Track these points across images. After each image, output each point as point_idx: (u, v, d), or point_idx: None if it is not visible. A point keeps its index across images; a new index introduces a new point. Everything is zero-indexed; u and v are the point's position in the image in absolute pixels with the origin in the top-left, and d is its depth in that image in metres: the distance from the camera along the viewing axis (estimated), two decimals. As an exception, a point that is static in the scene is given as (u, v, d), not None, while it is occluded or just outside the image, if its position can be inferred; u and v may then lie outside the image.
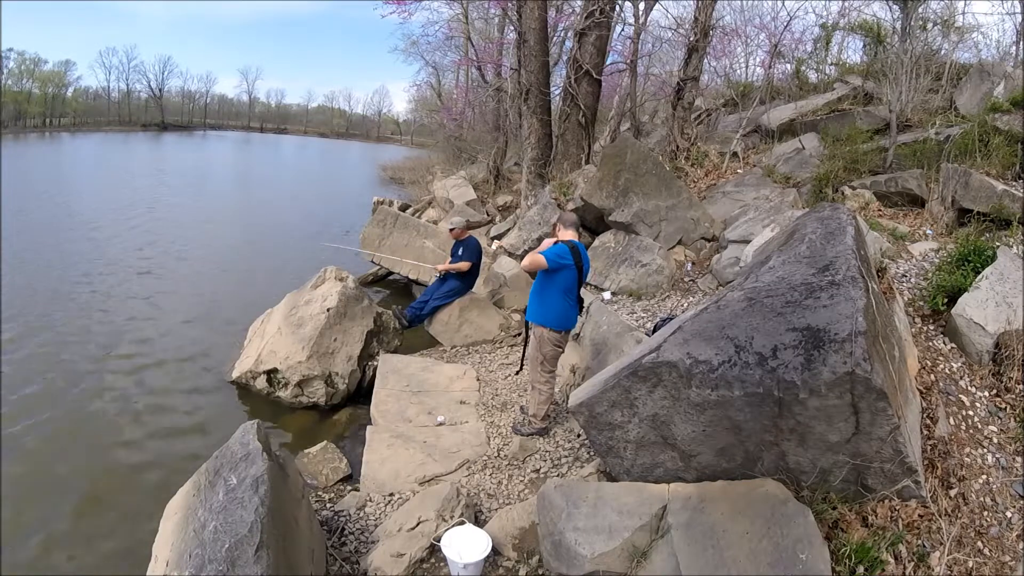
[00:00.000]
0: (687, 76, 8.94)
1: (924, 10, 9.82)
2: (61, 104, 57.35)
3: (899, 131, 7.38)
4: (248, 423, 2.96)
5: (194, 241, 11.41)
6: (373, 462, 4.01)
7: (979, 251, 4.11)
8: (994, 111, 6.57)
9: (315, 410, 5.19)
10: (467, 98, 20.08)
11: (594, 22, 9.23)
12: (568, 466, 3.92)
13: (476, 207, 12.66)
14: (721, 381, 2.63)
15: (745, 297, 2.83)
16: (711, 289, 5.70)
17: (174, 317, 7.28)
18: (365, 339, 5.67)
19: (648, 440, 2.91)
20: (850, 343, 2.44)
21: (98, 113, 61.85)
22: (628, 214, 6.74)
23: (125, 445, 4.57)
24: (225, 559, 2.29)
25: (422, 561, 3.07)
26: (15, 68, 52.80)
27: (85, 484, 4.06)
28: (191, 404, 5.24)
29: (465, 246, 6.65)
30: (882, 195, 6.49)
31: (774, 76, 11.58)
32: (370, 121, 79.57)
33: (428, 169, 22.10)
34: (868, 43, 11.28)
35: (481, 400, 4.96)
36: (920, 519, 2.61)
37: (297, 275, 8.02)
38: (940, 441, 3.00)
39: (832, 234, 3.11)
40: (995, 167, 5.56)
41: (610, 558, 2.60)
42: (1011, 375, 3.38)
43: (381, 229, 8.48)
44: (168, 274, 9.06)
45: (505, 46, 15.96)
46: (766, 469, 2.72)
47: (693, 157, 9.03)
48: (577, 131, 9.75)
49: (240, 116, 78.57)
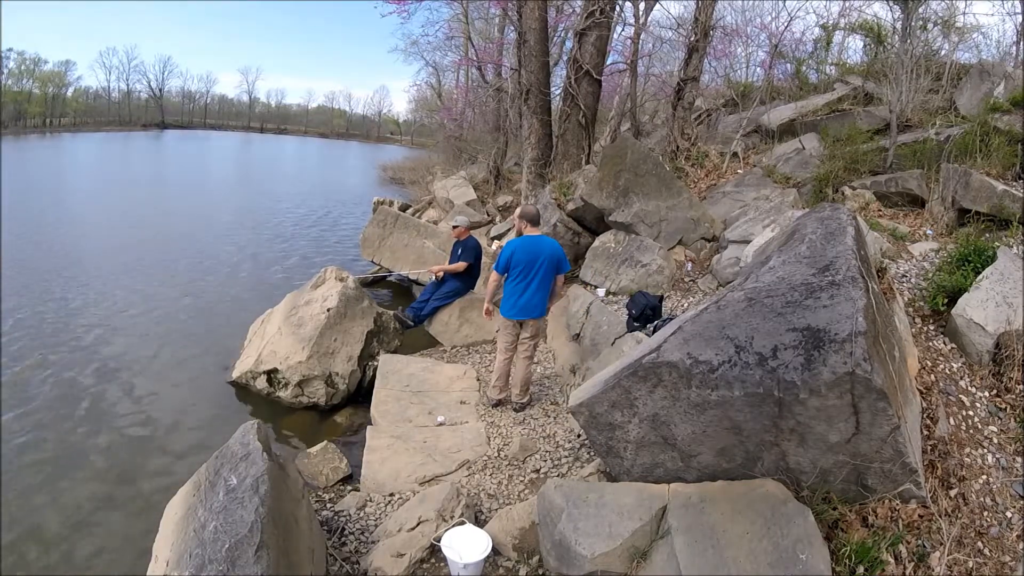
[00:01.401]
0: (687, 76, 8.94)
1: (924, 10, 9.81)
2: (61, 104, 57.31)
3: (899, 131, 7.37)
4: (248, 423, 2.96)
5: (195, 241, 11.42)
6: (373, 462, 4.01)
7: (979, 251, 4.11)
8: (994, 111, 6.57)
9: (315, 410, 5.19)
10: (467, 98, 20.08)
11: (594, 22, 9.22)
12: (568, 466, 3.92)
13: (476, 207, 12.66)
14: (721, 381, 2.63)
15: (745, 297, 2.83)
16: (711, 289, 5.70)
17: (174, 317, 7.28)
18: (365, 339, 5.67)
19: (648, 440, 2.91)
20: (850, 343, 2.44)
21: (98, 113, 61.82)
22: (628, 214, 6.74)
23: (125, 445, 4.57)
24: (225, 559, 2.29)
25: (422, 561, 3.07)
26: (15, 68, 52.88)
27: (85, 484, 4.06)
28: (191, 404, 5.24)
29: (464, 246, 6.66)
30: (882, 195, 6.49)
31: (774, 76, 11.58)
32: (370, 121, 79.54)
33: (428, 169, 22.10)
34: (868, 43, 11.28)
35: (481, 400, 4.96)
36: (920, 519, 2.61)
37: (298, 276, 8.03)
38: (940, 441, 3.00)
39: (832, 234, 3.11)
40: (995, 167, 5.56)
41: (610, 558, 2.60)
42: (1011, 375, 3.38)
43: (381, 229, 8.48)
44: (169, 274, 9.07)
45: (505, 46, 15.96)
46: (766, 469, 2.72)
47: (693, 157, 9.03)
48: (577, 131, 9.74)
49: (240, 116, 78.49)
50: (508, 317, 4.65)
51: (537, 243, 4.60)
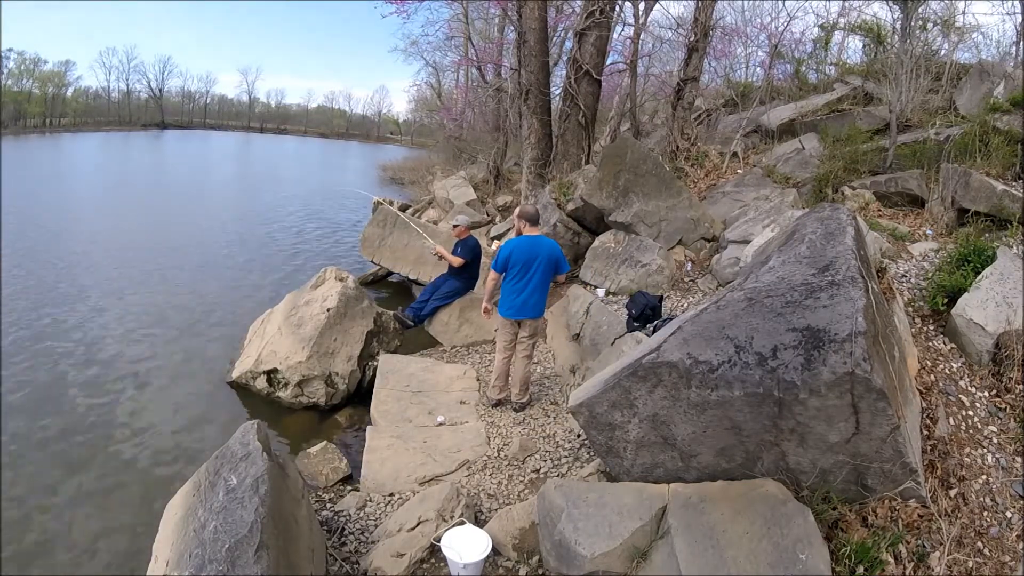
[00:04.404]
0: (687, 76, 8.94)
1: (924, 10, 9.82)
2: (61, 104, 57.27)
3: (899, 131, 7.38)
4: (248, 423, 2.96)
5: (194, 242, 11.42)
6: (373, 462, 4.01)
7: (979, 251, 4.11)
8: (994, 111, 6.57)
9: (315, 410, 5.19)
10: (467, 98, 20.09)
11: (594, 22, 9.22)
12: (568, 466, 3.92)
13: (476, 207, 12.67)
14: (721, 381, 2.63)
15: (745, 297, 2.83)
16: (711, 289, 5.71)
17: (174, 317, 7.28)
18: (365, 339, 5.67)
19: (648, 440, 2.91)
20: (850, 343, 2.44)
21: (98, 113, 61.78)
22: (628, 214, 6.74)
23: (125, 445, 4.57)
24: (225, 559, 2.29)
25: (422, 561, 3.07)
26: (15, 68, 52.83)
27: (85, 483, 4.06)
28: (191, 404, 5.24)
29: (463, 245, 6.66)
30: (882, 195, 6.49)
31: (774, 76, 11.59)
32: (370, 121, 79.49)
33: (428, 169, 22.10)
34: (868, 43, 11.28)
35: (481, 400, 4.96)
36: (920, 519, 2.61)
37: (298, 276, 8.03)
38: (940, 441, 3.01)
39: (832, 234, 3.11)
40: (995, 167, 5.56)
41: (610, 558, 2.60)
42: (1011, 375, 3.38)
43: (381, 229, 8.48)
44: (168, 274, 9.06)
45: (505, 46, 15.97)
46: (766, 469, 2.72)
47: (693, 157, 9.03)
48: (577, 131, 9.74)
49: (240, 116, 78.43)
50: (506, 316, 4.67)
51: (536, 243, 4.61)
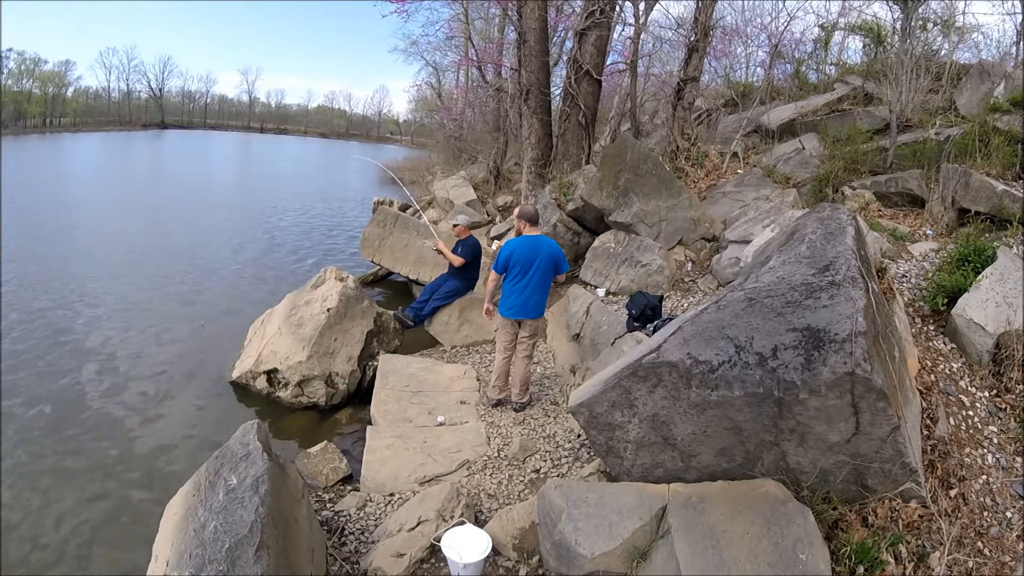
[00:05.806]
0: (687, 76, 8.94)
1: (924, 10, 9.80)
2: (61, 104, 57.29)
3: (899, 131, 7.37)
4: (248, 423, 2.96)
5: (194, 242, 11.42)
6: (373, 462, 4.01)
7: (979, 251, 4.11)
8: (994, 111, 6.57)
9: (315, 410, 5.19)
10: (467, 98, 20.08)
11: (594, 22, 9.22)
12: (568, 466, 3.92)
13: (476, 207, 12.67)
14: (721, 381, 2.63)
15: (745, 297, 2.83)
16: (711, 289, 5.70)
17: (174, 317, 7.28)
18: (365, 339, 5.67)
19: (648, 440, 2.91)
20: (850, 343, 2.44)
21: (98, 113, 61.83)
22: (628, 214, 6.74)
23: (125, 445, 4.56)
24: (225, 559, 2.29)
25: (422, 561, 3.07)
26: (15, 68, 52.85)
27: (84, 484, 4.06)
28: (191, 404, 5.24)
29: (464, 244, 6.66)
30: (882, 195, 6.49)
31: (774, 76, 11.58)
32: (370, 121, 79.55)
33: (428, 169, 22.09)
34: (868, 43, 11.28)
35: (481, 400, 4.96)
36: (920, 519, 2.61)
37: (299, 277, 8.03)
38: (940, 441, 3.00)
39: (832, 234, 3.11)
40: (995, 167, 5.56)
41: (610, 558, 2.60)
42: (1011, 375, 3.38)
43: (381, 229, 8.48)
44: (169, 274, 9.06)
45: (505, 46, 15.95)
46: (766, 469, 2.72)
47: (693, 157, 9.02)
48: (577, 131, 9.74)
49: (240, 116, 78.48)
50: (506, 316, 4.68)
51: (536, 243, 4.61)
